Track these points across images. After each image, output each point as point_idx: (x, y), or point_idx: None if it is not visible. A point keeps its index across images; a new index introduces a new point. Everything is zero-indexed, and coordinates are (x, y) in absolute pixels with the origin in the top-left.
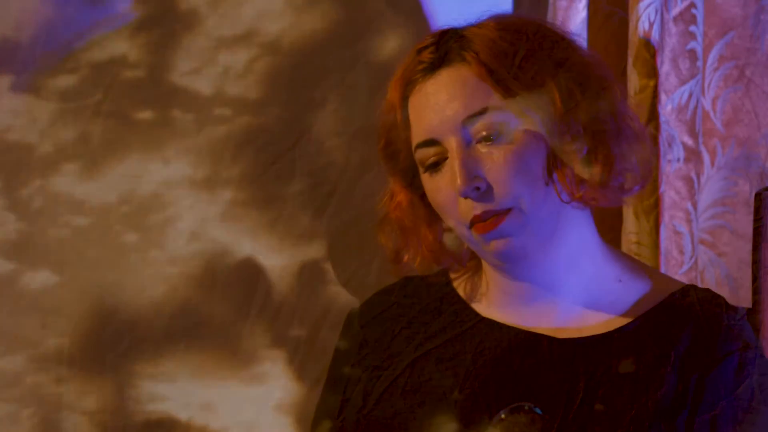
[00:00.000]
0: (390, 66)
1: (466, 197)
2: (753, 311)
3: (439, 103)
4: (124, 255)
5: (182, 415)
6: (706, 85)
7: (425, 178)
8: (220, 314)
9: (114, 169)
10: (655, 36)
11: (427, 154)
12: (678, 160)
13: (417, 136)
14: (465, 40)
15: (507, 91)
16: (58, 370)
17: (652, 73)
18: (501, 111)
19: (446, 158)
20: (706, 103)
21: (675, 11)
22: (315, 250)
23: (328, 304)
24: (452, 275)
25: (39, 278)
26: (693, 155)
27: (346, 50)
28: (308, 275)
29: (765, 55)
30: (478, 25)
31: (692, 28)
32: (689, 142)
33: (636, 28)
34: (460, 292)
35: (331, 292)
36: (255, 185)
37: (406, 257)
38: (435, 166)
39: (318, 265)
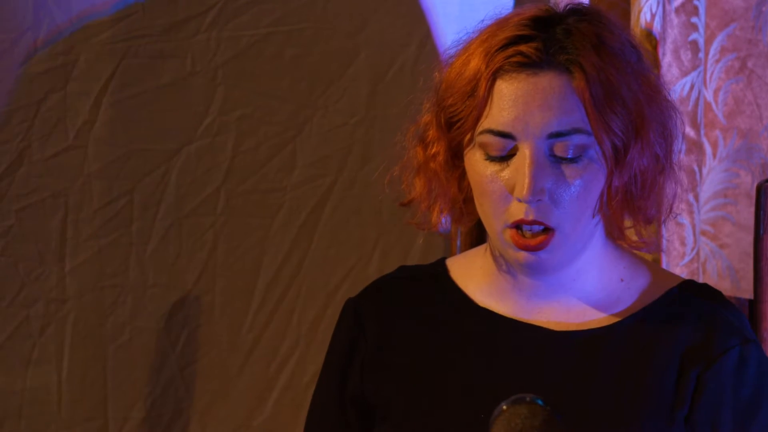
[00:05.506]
0: (391, 59)
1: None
2: (754, 302)
3: (530, 105)
4: None
5: None
6: (707, 76)
7: (479, 159)
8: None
9: None
10: (657, 27)
11: (496, 143)
12: (680, 151)
13: (493, 122)
14: (573, 47)
15: (601, 120)
16: None
17: (654, 64)
18: (587, 136)
19: (514, 155)
20: (708, 94)
21: (677, 2)
22: (316, 242)
23: (329, 296)
24: (449, 264)
25: None
26: (695, 147)
27: (347, 41)
28: (310, 267)
29: (767, 47)
30: (579, 19)
31: (694, 19)
32: (691, 133)
33: (638, 19)
34: (458, 281)
35: (332, 283)
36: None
37: (424, 205)
38: (499, 159)
39: (320, 257)
